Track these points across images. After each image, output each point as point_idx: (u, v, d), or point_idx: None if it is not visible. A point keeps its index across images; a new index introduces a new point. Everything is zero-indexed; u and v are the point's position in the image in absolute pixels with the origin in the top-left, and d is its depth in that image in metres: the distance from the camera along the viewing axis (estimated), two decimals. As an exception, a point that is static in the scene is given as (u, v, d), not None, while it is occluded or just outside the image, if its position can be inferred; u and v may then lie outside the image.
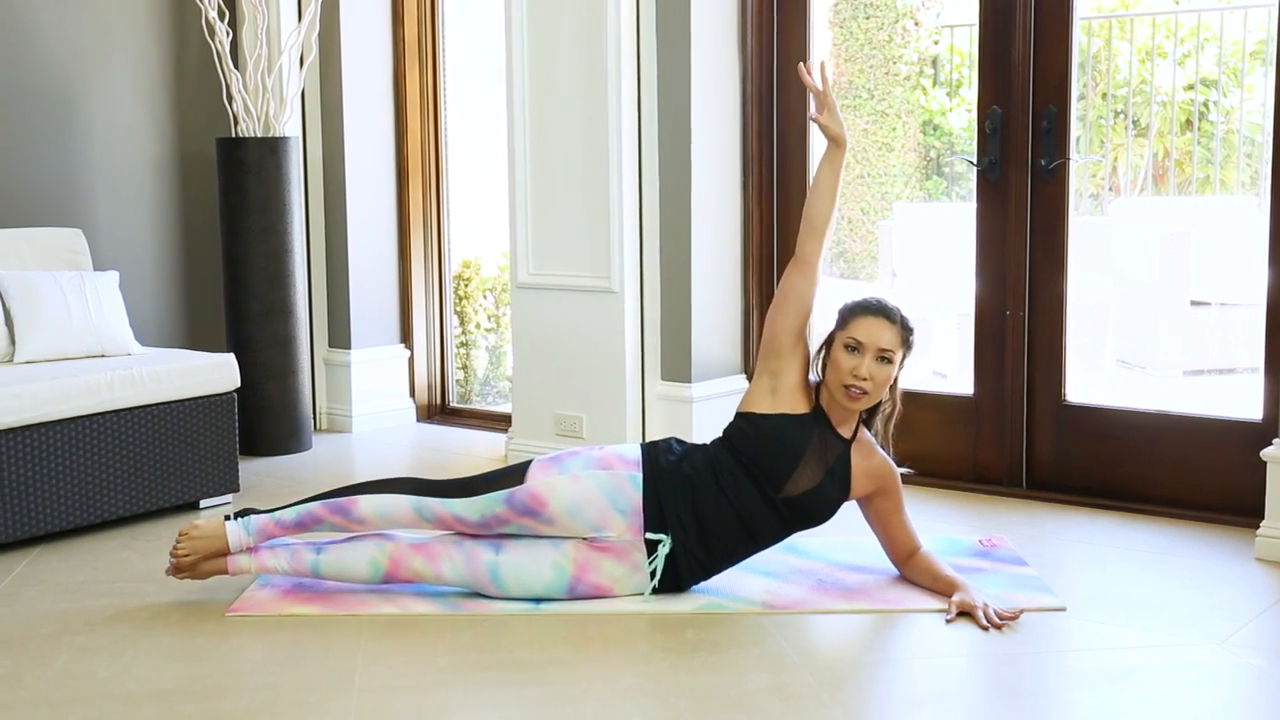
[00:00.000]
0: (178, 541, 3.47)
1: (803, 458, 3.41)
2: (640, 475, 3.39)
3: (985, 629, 3.21)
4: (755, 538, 3.46)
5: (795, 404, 3.46)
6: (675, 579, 3.43)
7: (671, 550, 3.38)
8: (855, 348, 3.40)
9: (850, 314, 3.46)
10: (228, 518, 3.50)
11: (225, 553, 3.47)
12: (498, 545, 3.42)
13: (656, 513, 3.37)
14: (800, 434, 3.42)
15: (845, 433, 3.47)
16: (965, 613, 3.29)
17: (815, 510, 3.46)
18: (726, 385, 4.81)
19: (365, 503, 3.45)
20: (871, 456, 3.50)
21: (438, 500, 3.43)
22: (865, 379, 3.38)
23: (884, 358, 3.39)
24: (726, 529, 3.42)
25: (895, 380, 3.49)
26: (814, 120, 3.54)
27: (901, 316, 3.47)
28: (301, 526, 3.49)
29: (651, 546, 3.38)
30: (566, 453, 3.49)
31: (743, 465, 3.43)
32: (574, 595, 3.40)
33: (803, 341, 3.51)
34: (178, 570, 3.48)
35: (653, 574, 3.39)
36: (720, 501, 3.40)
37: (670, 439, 3.55)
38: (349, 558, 3.44)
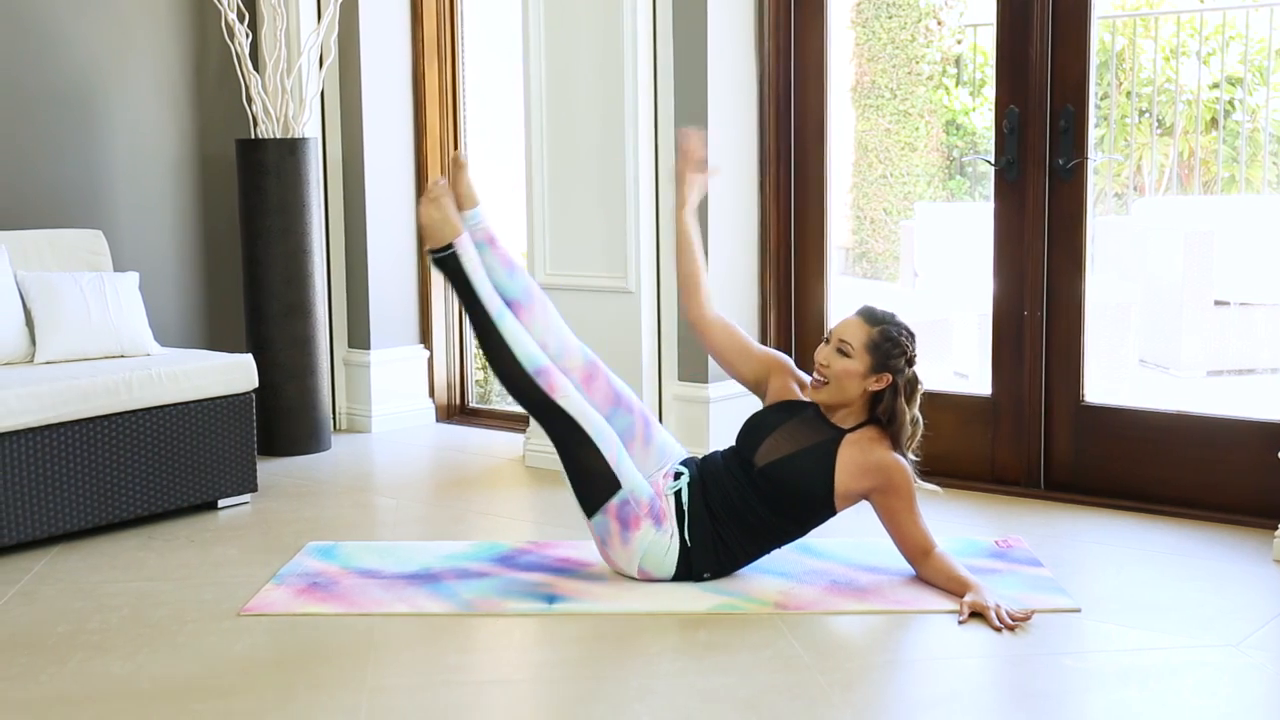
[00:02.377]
0: (435, 186, 3.60)
1: (774, 431, 3.57)
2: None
3: (998, 630, 3.20)
4: (748, 512, 3.52)
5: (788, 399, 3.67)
6: (686, 558, 3.51)
7: (679, 503, 3.53)
8: (827, 339, 3.57)
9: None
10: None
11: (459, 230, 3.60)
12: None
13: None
14: (779, 412, 3.62)
15: (843, 425, 3.55)
16: (978, 614, 3.27)
17: (787, 482, 3.51)
18: (743, 386, 4.79)
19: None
20: (870, 453, 3.51)
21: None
22: (825, 365, 3.52)
23: (841, 350, 3.50)
24: (728, 489, 3.53)
25: (897, 394, 3.51)
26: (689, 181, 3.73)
27: (886, 325, 3.51)
28: (511, 262, 3.74)
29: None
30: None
31: (736, 452, 3.60)
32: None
33: (767, 362, 3.72)
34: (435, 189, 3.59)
35: (676, 496, 3.53)
36: (721, 470, 3.57)
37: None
38: (523, 335, 3.57)
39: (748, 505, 3.52)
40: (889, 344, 3.48)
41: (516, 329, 3.54)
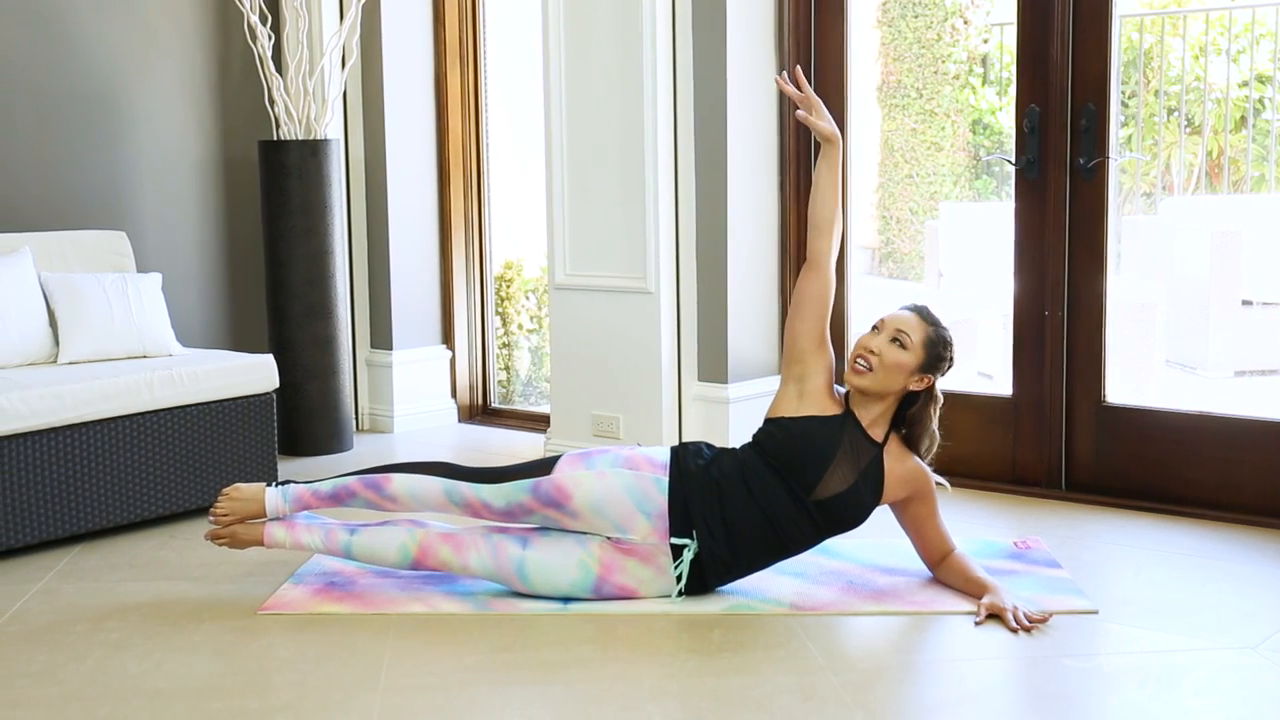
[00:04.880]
0: (217, 500, 3.57)
1: (834, 459, 3.38)
2: (666, 479, 3.38)
3: (1014, 631, 3.18)
4: (785, 543, 3.43)
5: (824, 407, 3.44)
6: (702, 582, 3.42)
7: (698, 554, 3.37)
8: (877, 328, 3.44)
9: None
10: (269, 484, 3.59)
11: (261, 515, 3.54)
12: (525, 540, 3.44)
13: (682, 517, 3.36)
14: (830, 435, 3.40)
15: (877, 435, 3.44)
16: (995, 615, 3.26)
17: (847, 514, 3.42)
18: (763, 386, 4.79)
19: (398, 481, 3.50)
20: (905, 461, 3.47)
21: (466, 485, 3.47)
22: (873, 353, 3.38)
23: (898, 340, 3.39)
24: (755, 534, 3.39)
25: (930, 400, 3.46)
26: (801, 120, 3.56)
27: (939, 328, 3.45)
28: (336, 499, 3.55)
29: (677, 551, 3.37)
30: (597, 450, 3.50)
31: (773, 469, 3.40)
32: (600, 595, 3.40)
33: (825, 345, 3.49)
34: (215, 537, 3.55)
35: (679, 578, 3.38)
36: (749, 506, 3.38)
37: (700, 443, 3.54)
38: (380, 541, 3.49)
39: (788, 531, 3.39)
40: (942, 346, 3.43)
41: (368, 547, 3.49)
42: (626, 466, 3.41)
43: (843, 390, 3.52)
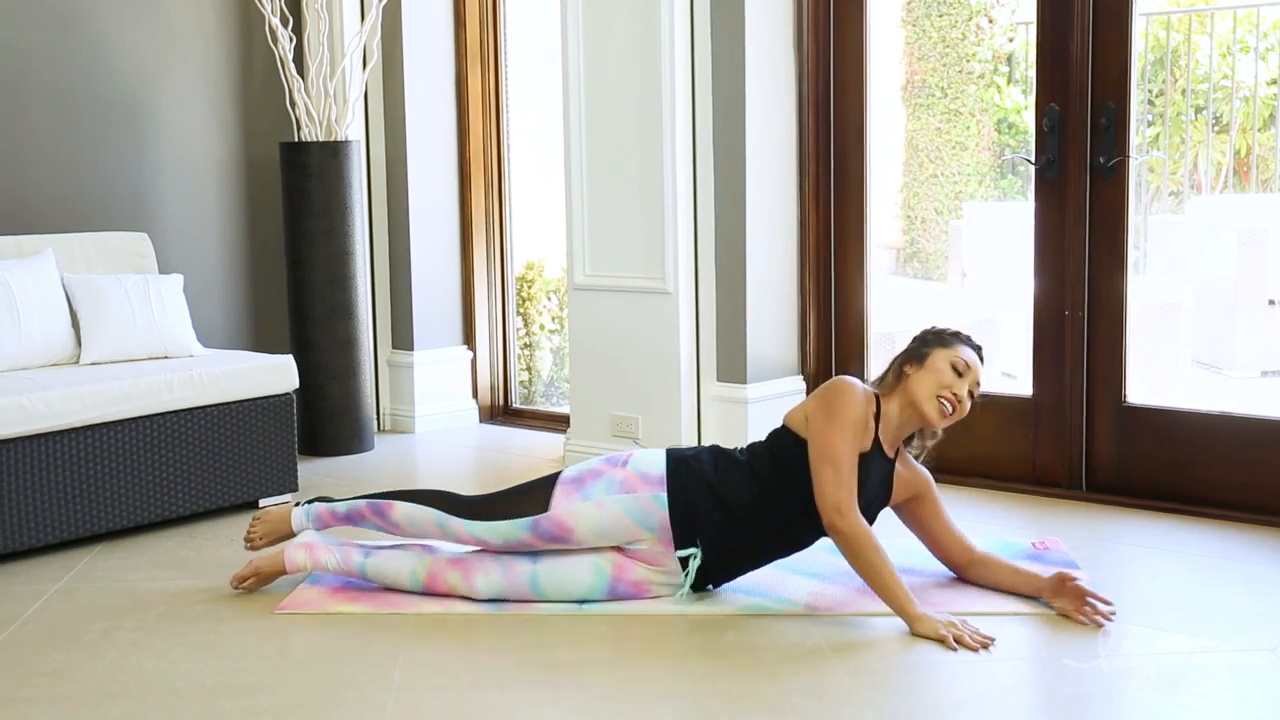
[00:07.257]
0: (251, 525, 3.70)
1: (860, 494, 3.34)
2: (665, 494, 3.36)
3: (1096, 625, 3.20)
4: (792, 540, 3.45)
5: None
6: (705, 578, 3.45)
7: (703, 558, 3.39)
8: (962, 372, 3.39)
9: (956, 340, 3.44)
10: (296, 504, 3.71)
11: (290, 535, 3.67)
12: (535, 555, 3.46)
13: (685, 526, 3.36)
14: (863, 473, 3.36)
15: (889, 453, 3.45)
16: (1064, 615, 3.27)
17: None
18: (782, 386, 4.79)
19: (399, 509, 3.56)
20: (908, 466, 3.50)
21: (460, 522, 3.46)
22: (960, 400, 3.38)
23: (973, 394, 3.41)
24: (760, 531, 3.39)
25: None
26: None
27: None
28: (349, 519, 3.64)
29: (684, 560, 3.39)
30: (589, 472, 3.45)
31: (782, 470, 3.39)
32: (615, 595, 3.41)
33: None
34: (240, 580, 3.59)
35: (685, 581, 3.40)
36: (756, 503, 3.37)
37: (699, 448, 3.51)
38: (393, 565, 3.54)
39: (796, 531, 3.41)
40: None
41: (381, 569, 3.52)
42: (622, 490, 3.38)
43: (868, 388, 3.47)
